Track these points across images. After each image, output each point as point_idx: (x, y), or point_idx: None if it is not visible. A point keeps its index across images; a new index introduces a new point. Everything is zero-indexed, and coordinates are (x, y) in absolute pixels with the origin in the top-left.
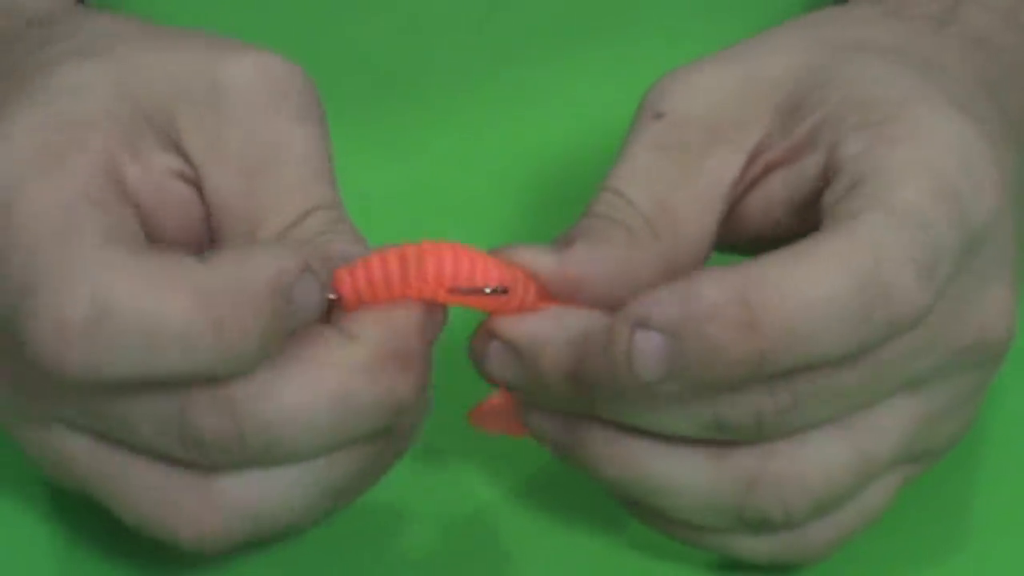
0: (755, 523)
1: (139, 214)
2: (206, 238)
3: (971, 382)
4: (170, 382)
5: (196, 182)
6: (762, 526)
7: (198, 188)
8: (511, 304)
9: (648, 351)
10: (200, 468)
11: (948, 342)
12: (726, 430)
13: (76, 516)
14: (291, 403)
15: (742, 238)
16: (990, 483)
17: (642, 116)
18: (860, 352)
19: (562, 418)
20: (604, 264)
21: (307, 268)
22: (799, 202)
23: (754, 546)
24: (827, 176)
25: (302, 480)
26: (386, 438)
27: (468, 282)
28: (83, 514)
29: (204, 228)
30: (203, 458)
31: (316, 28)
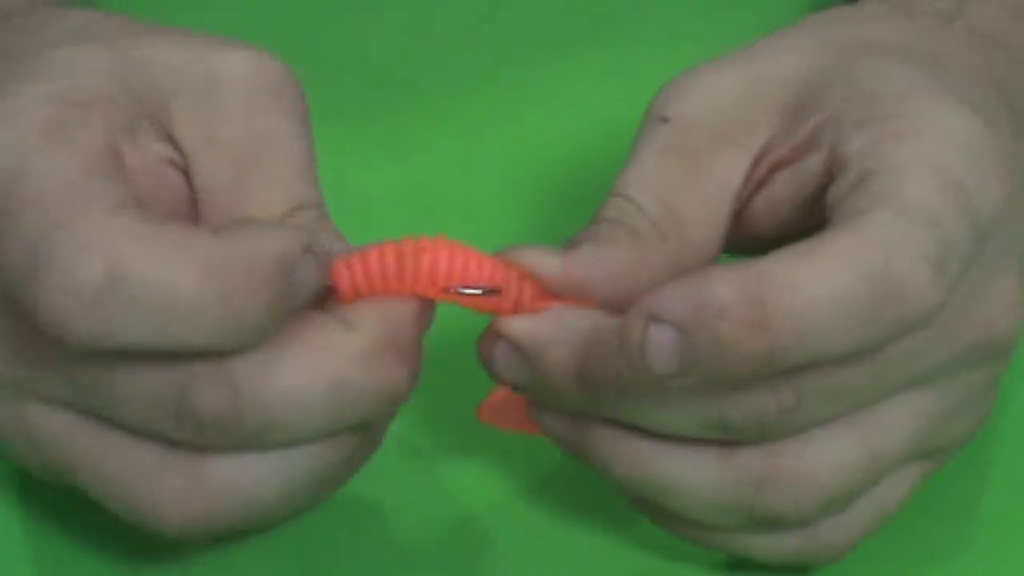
0: (766, 522)
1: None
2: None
3: (981, 378)
4: (174, 354)
5: (185, 171)
6: (773, 525)
7: (187, 177)
8: (505, 305)
9: (661, 344)
10: (188, 448)
11: (957, 338)
12: (730, 430)
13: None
14: (290, 385)
15: (749, 238)
16: (998, 482)
17: (649, 120)
18: (870, 350)
19: (571, 417)
20: (609, 267)
21: (309, 250)
22: (804, 201)
23: (766, 546)
24: (831, 173)
25: (289, 466)
26: (367, 431)
27: (461, 281)
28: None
29: (191, 216)
30: (197, 436)
31: (316, 28)
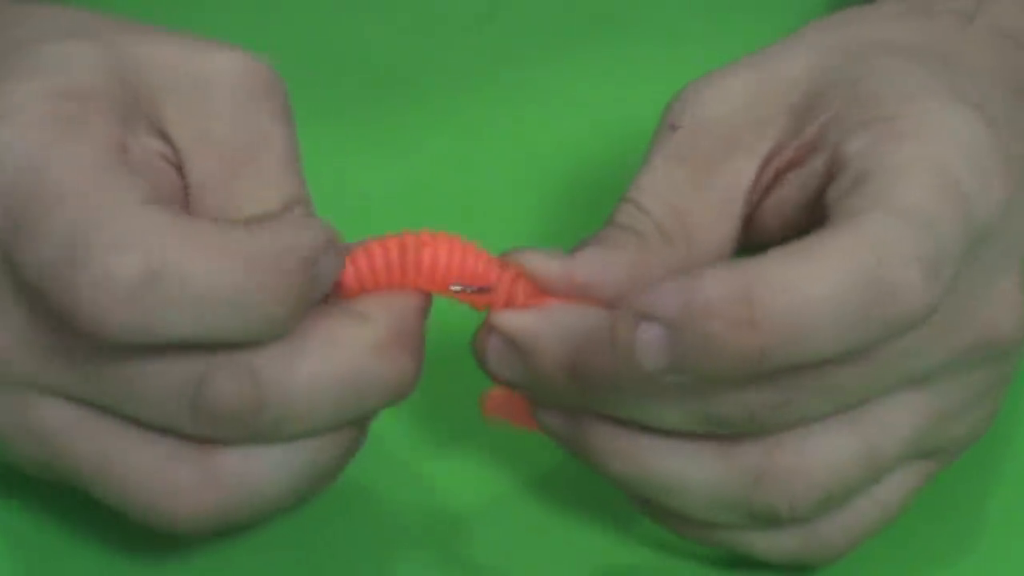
0: (763, 518)
1: None
2: None
3: (984, 378)
4: (204, 345)
5: (178, 167)
6: (771, 521)
7: (180, 173)
8: (497, 302)
9: (650, 342)
10: (199, 442)
11: (956, 338)
12: (723, 425)
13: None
14: (310, 377)
15: (759, 239)
16: (1002, 484)
17: (662, 126)
18: (861, 350)
19: (568, 414)
20: (612, 270)
21: (331, 243)
22: (808, 201)
23: (765, 543)
24: (832, 173)
25: (297, 458)
26: (363, 424)
27: (459, 276)
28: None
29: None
30: (211, 429)
31: (316, 28)
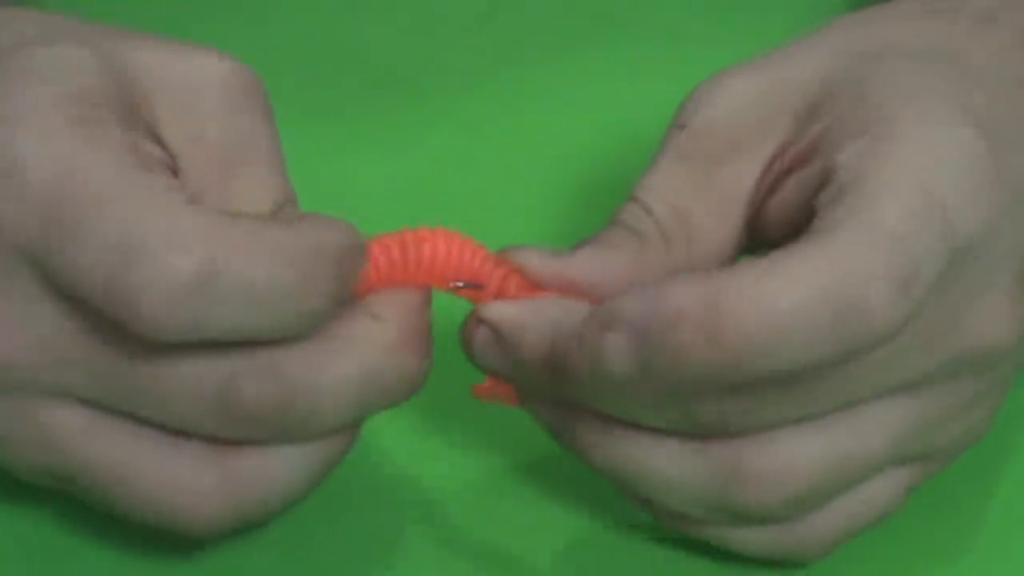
0: (736, 515)
1: None
2: None
3: (972, 387)
4: (240, 343)
5: (173, 170)
6: (743, 519)
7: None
8: (487, 297)
9: (617, 349)
10: (216, 444)
11: (939, 348)
12: (693, 426)
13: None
14: (336, 375)
15: (765, 241)
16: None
17: (672, 126)
18: (827, 365)
19: (553, 404)
20: (607, 271)
21: (359, 241)
22: (808, 205)
23: (742, 539)
24: (823, 179)
25: (311, 457)
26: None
27: (456, 270)
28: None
29: None
30: (238, 429)
31: (316, 28)
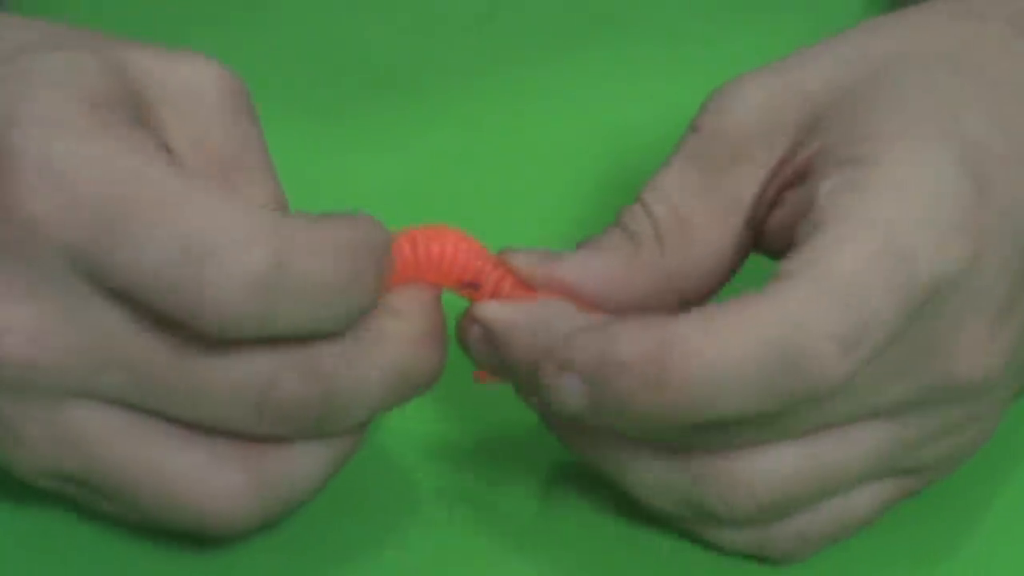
0: (709, 517)
1: None
2: None
3: (958, 412)
4: (293, 339)
5: None
6: (716, 521)
7: None
8: (483, 296)
9: (571, 389)
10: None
11: (912, 378)
12: (661, 440)
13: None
14: (369, 370)
15: (773, 252)
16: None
17: (687, 129)
18: (769, 414)
19: None
20: (597, 273)
21: (390, 237)
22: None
23: (719, 536)
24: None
25: (333, 452)
26: None
27: (462, 268)
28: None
29: None
30: (268, 426)
31: (316, 28)
